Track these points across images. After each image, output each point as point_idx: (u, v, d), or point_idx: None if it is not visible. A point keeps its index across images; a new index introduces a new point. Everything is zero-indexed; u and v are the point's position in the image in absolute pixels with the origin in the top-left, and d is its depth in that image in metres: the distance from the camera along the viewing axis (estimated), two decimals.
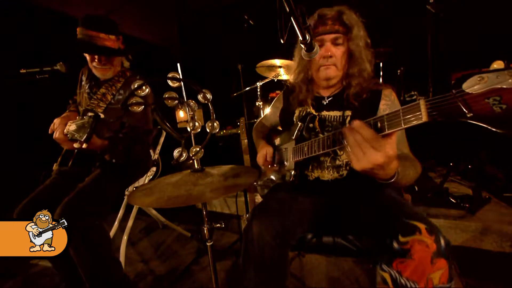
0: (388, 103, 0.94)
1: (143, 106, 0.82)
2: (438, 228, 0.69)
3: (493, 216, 1.59)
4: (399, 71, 2.38)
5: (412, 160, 0.87)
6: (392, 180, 0.68)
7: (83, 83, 1.51)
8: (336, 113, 1.01)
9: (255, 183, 1.27)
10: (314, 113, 1.04)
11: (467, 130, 2.20)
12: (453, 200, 1.73)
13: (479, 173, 2.02)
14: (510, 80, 0.46)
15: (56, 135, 1.18)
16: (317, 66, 1.00)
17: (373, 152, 0.60)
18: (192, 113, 0.86)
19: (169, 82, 0.84)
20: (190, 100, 0.86)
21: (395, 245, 0.68)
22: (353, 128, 0.63)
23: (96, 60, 1.35)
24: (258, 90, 2.59)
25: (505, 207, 1.68)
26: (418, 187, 1.91)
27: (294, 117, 1.11)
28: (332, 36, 0.94)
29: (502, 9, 2.17)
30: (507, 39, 2.01)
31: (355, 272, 1.44)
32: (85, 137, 1.04)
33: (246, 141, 1.65)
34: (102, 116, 1.07)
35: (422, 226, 0.68)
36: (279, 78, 2.46)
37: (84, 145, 1.05)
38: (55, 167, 1.43)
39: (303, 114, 1.07)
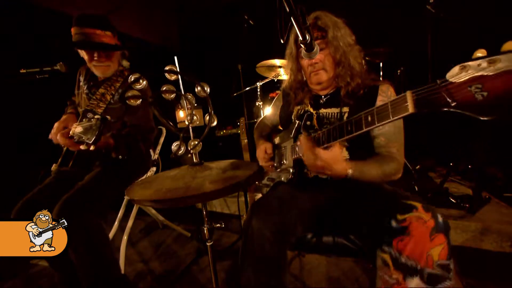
0: (384, 99, 0.95)
1: (140, 100, 0.82)
2: (434, 208, 0.70)
3: (493, 216, 1.59)
4: (399, 71, 2.37)
5: (383, 160, 0.89)
6: (348, 177, 0.83)
7: (81, 83, 1.50)
8: (334, 110, 1.02)
9: (257, 183, 1.28)
10: (312, 111, 1.05)
11: (467, 129, 2.20)
12: (453, 200, 1.73)
13: (479, 173, 2.02)
14: (491, 67, 0.48)
15: (62, 140, 1.18)
16: (308, 72, 1.03)
17: (313, 158, 0.81)
18: (189, 106, 0.86)
19: (167, 75, 0.84)
20: (188, 94, 0.87)
21: (394, 223, 0.69)
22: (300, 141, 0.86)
23: (95, 58, 1.34)
24: (258, 90, 2.59)
25: (505, 207, 1.68)
26: (418, 187, 1.91)
27: (293, 116, 1.12)
28: None
29: (502, 9, 2.17)
30: (507, 39, 2.01)
31: (355, 272, 1.44)
32: (93, 139, 1.04)
33: (246, 141, 1.65)
34: (109, 118, 1.07)
35: (418, 204, 0.70)
36: (279, 78, 2.46)
37: (92, 147, 1.06)
38: (54, 167, 1.42)
39: (301, 112, 1.08)
